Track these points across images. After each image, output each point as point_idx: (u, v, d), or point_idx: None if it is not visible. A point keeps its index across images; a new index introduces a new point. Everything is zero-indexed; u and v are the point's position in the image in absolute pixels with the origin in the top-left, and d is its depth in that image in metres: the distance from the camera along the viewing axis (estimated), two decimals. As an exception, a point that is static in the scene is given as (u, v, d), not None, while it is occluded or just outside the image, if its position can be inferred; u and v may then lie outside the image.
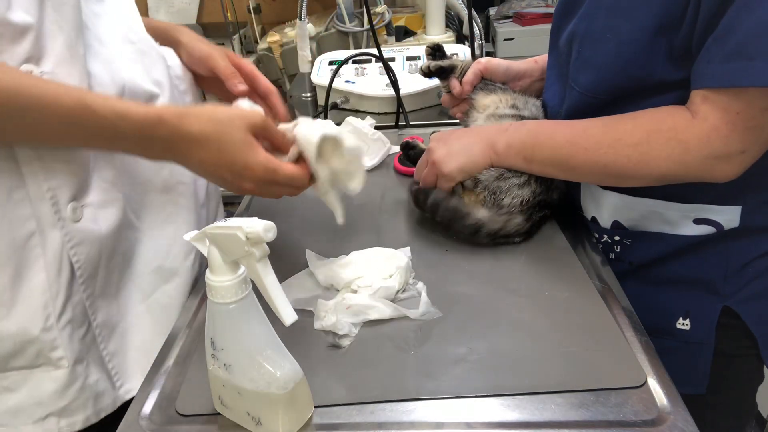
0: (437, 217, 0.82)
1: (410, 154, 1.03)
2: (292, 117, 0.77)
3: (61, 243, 0.66)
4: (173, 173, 0.81)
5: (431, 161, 0.84)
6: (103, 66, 0.70)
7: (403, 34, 1.80)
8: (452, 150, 0.82)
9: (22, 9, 0.60)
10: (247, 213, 0.98)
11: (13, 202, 0.63)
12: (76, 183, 0.67)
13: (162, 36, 0.87)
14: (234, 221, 0.50)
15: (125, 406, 0.63)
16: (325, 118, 1.24)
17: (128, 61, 0.76)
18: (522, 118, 0.88)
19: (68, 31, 0.65)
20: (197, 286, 0.83)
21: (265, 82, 0.86)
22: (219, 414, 0.58)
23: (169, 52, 0.86)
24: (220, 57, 0.84)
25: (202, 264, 0.85)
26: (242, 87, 0.82)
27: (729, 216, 0.74)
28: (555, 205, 0.85)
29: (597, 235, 0.84)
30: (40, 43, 0.62)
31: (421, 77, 1.06)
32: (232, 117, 0.66)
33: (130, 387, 0.74)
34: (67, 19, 0.65)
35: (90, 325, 0.70)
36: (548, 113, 0.90)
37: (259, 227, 0.49)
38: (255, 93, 0.85)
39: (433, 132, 1.02)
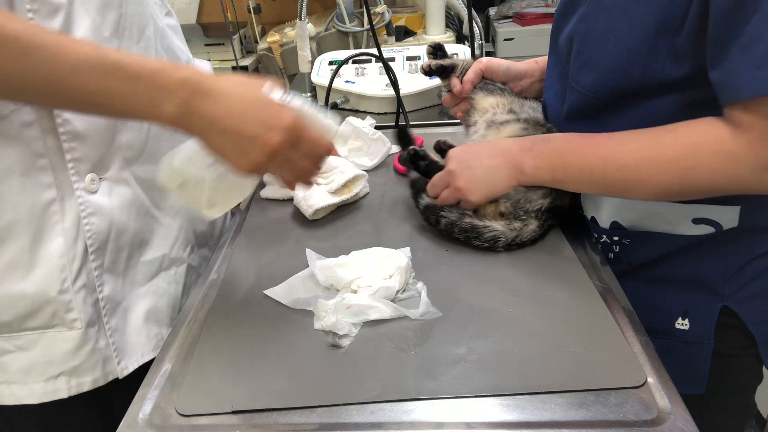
0: (453, 236, 0.81)
1: (421, 165, 0.91)
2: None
3: (78, 211, 0.69)
4: None
5: (455, 186, 0.81)
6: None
7: (403, 34, 1.80)
8: (477, 176, 0.80)
9: None
10: (245, 224, 0.98)
11: (36, 169, 0.66)
12: (96, 156, 0.71)
13: None
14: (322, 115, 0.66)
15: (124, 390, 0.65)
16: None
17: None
18: (520, 121, 0.88)
19: (93, 14, 0.68)
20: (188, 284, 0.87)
21: None
22: (219, 414, 0.58)
23: (206, 65, 0.94)
24: None
25: (197, 255, 0.91)
26: None
27: (728, 216, 0.74)
28: (567, 210, 0.85)
29: (596, 235, 0.84)
30: (68, 23, 0.66)
31: (422, 77, 1.06)
32: (253, 78, 0.64)
33: (126, 365, 0.77)
34: (92, 2, 0.68)
35: (97, 296, 0.74)
36: (549, 113, 0.90)
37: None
38: None
39: (439, 140, 0.96)
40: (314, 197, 0.91)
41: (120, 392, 0.69)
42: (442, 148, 0.91)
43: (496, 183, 0.79)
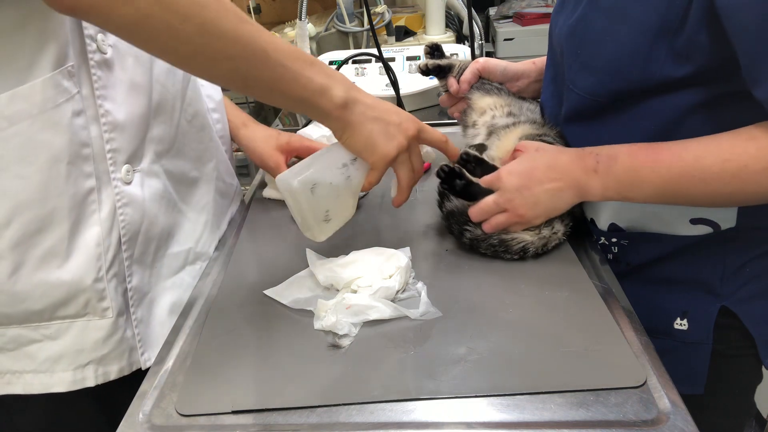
0: (480, 251, 0.79)
1: (457, 185, 0.79)
2: (293, 119, 0.79)
3: (113, 201, 0.71)
4: (218, 171, 0.91)
5: (517, 213, 0.76)
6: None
7: (403, 34, 1.80)
8: (540, 201, 0.76)
9: None
10: (245, 224, 0.98)
11: (81, 158, 0.67)
12: (131, 148, 0.73)
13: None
14: None
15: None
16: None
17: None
18: (525, 123, 0.88)
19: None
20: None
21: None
22: (219, 414, 0.58)
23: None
24: (270, 159, 0.97)
25: (221, 251, 0.91)
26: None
27: (725, 215, 0.74)
28: (578, 216, 0.84)
29: (595, 237, 0.84)
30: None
31: (422, 77, 1.06)
32: None
33: (150, 357, 0.77)
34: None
35: (125, 286, 0.75)
36: (546, 114, 0.90)
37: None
38: None
39: (462, 154, 0.81)
40: None
41: (121, 390, 0.69)
42: (464, 159, 0.81)
43: (557, 206, 0.77)
